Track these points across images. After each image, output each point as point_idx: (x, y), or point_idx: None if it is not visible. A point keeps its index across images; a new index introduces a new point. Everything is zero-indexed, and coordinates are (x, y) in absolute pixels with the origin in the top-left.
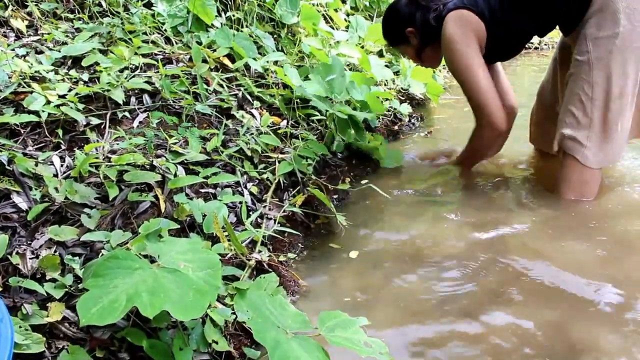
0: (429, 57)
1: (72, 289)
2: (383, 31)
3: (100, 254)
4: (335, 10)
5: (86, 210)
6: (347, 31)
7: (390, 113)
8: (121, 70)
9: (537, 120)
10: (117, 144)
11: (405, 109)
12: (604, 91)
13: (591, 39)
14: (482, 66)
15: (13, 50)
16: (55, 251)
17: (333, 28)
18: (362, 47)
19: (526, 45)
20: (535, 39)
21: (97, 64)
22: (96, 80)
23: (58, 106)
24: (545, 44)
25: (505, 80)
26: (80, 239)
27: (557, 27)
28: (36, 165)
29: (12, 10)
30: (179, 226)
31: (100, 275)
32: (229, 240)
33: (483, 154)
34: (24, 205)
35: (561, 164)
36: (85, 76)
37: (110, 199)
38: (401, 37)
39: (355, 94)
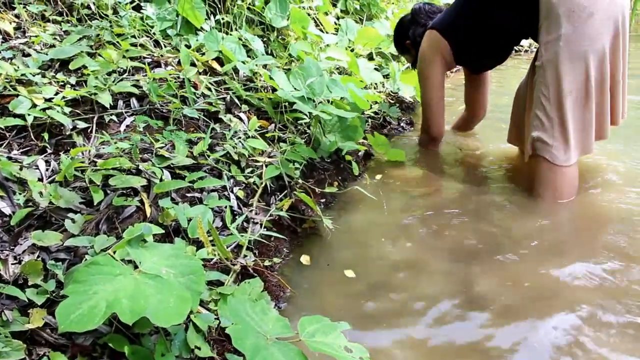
0: None
1: (54, 294)
2: (393, 41)
3: (84, 259)
4: (326, 13)
5: (70, 215)
6: (336, 34)
7: (379, 116)
8: (109, 74)
9: (513, 121)
10: (104, 148)
11: (395, 112)
12: (556, 90)
13: (543, 43)
14: (439, 83)
15: None
16: (38, 256)
17: (322, 31)
18: (352, 50)
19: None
20: (525, 42)
21: (84, 67)
22: (83, 84)
23: (44, 110)
24: (535, 47)
25: (485, 94)
26: (64, 244)
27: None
28: (21, 169)
29: None
30: (163, 231)
31: (80, 282)
32: (213, 245)
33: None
34: (7, 210)
35: (534, 166)
36: (73, 79)
37: (95, 204)
38: (402, 47)
39: (337, 91)
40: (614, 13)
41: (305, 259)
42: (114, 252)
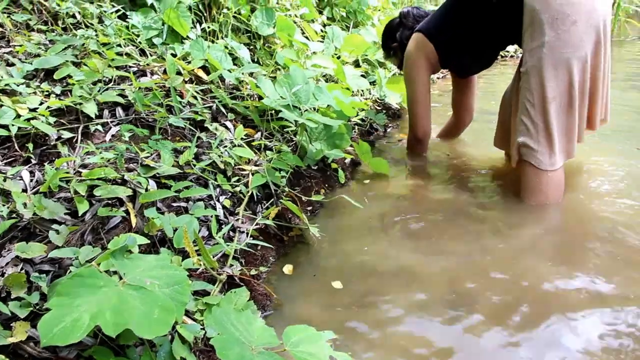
0: None
1: (37, 307)
2: (381, 45)
3: (69, 271)
4: (312, 21)
5: (55, 226)
6: (323, 42)
7: (366, 123)
8: (94, 83)
9: (499, 126)
10: (89, 158)
11: (381, 119)
12: (540, 96)
13: (527, 50)
14: (424, 85)
15: None
16: (21, 269)
17: (308, 39)
18: (339, 57)
19: (502, 54)
20: (511, 48)
21: (69, 76)
22: (68, 93)
23: (28, 120)
24: (520, 53)
25: (472, 99)
26: (48, 256)
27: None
28: (4, 180)
29: None
30: (149, 241)
31: (63, 294)
32: (199, 255)
33: (410, 151)
34: None
35: (521, 171)
36: (58, 89)
37: (80, 215)
38: (390, 50)
39: (323, 99)
40: (595, 21)
41: (288, 269)
42: (99, 264)
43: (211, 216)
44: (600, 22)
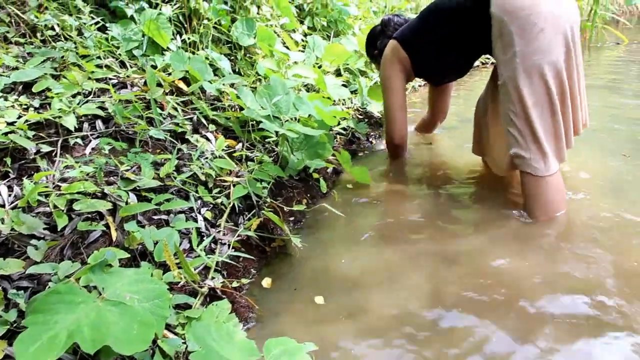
0: None
1: (15, 325)
2: (365, 50)
3: (48, 287)
4: (293, 30)
5: (33, 241)
6: (304, 51)
7: (347, 132)
8: (74, 96)
9: (475, 134)
10: (68, 171)
11: (363, 127)
12: (521, 105)
13: (500, 62)
14: (399, 90)
15: None
16: None
17: (289, 49)
18: (320, 66)
19: (483, 61)
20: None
21: (48, 89)
22: (47, 107)
23: (6, 134)
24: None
25: (443, 102)
26: (27, 272)
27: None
28: None
29: None
30: (129, 255)
31: (40, 312)
32: (180, 268)
33: (390, 157)
34: None
35: (521, 185)
36: (36, 102)
37: (59, 229)
38: (372, 56)
39: (303, 109)
40: (563, 28)
41: (267, 282)
42: (78, 279)
43: (192, 228)
44: (568, 29)
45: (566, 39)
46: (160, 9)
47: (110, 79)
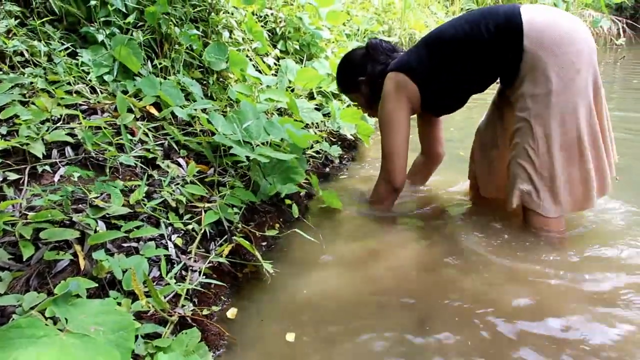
0: (377, 108)
1: None
2: (337, 77)
3: (12, 319)
4: (266, 54)
5: None
6: (276, 75)
7: (320, 156)
8: (42, 122)
9: (477, 161)
10: (35, 200)
11: (336, 150)
12: (546, 146)
13: (529, 95)
14: (406, 126)
15: None
16: None
17: (260, 72)
18: (292, 90)
19: None
20: None
21: (16, 116)
22: (15, 134)
23: None
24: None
25: (440, 130)
26: None
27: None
28: None
29: None
30: (97, 285)
31: None
32: (148, 297)
33: (378, 204)
34: None
35: (524, 219)
36: (4, 129)
37: (25, 259)
38: (353, 84)
39: (275, 133)
40: (594, 65)
41: (231, 313)
42: (43, 311)
43: (162, 256)
44: (595, 63)
45: (595, 75)
46: (131, 34)
47: (80, 105)
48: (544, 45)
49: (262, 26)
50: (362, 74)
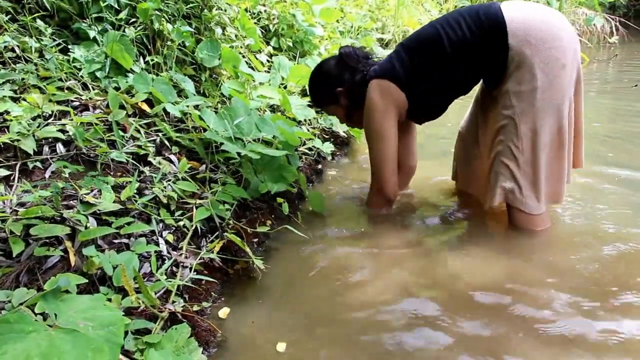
0: (358, 119)
1: None
2: (310, 91)
3: (0, 314)
4: (259, 51)
5: None
6: (269, 72)
7: (313, 152)
8: (33, 119)
9: (458, 159)
10: (25, 196)
11: (328, 147)
12: (531, 143)
13: (513, 93)
14: (395, 137)
15: None
16: None
17: (253, 69)
18: (285, 87)
19: None
20: None
21: (7, 112)
22: (6, 130)
23: None
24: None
25: (414, 141)
26: None
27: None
28: None
29: None
30: (87, 281)
31: None
32: (138, 293)
33: (373, 210)
34: None
35: (509, 216)
36: None
37: (15, 255)
38: (330, 96)
39: (266, 130)
40: (577, 60)
41: (223, 313)
42: (33, 307)
43: (153, 252)
44: (579, 59)
45: (578, 71)
46: (123, 31)
47: (72, 101)
48: (529, 42)
49: (255, 23)
50: (338, 84)
